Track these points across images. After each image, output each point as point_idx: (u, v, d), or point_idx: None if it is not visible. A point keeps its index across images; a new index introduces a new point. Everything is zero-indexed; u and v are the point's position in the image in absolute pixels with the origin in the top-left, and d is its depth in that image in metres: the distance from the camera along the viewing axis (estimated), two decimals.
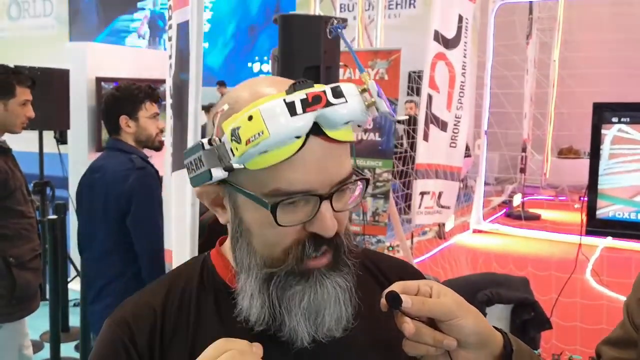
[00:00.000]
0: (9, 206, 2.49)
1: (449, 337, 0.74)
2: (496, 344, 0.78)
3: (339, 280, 0.77)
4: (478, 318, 0.76)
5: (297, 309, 0.75)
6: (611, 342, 0.91)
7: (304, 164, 0.72)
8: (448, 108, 4.70)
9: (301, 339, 0.76)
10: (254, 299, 0.76)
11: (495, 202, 8.89)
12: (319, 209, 0.73)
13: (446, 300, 0.75)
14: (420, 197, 5.09)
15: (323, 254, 0.76)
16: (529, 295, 2.91)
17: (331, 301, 0.76)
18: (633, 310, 0.85)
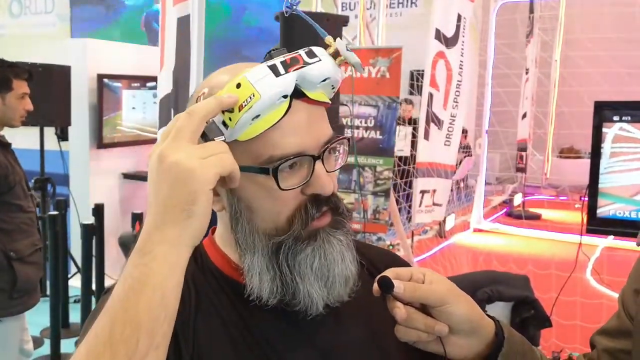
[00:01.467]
0: (8, 201, 2.50)
1: (440, 323, 0.75)
2: (488, 330, 0.79)
3: (341, 237, 0.79)
4: (470, 305, 0.77)
5: (309, 273, 0.77)
6: (605, 332, 0.91)
7: (293, 127, 0.75)
8: (444, 106, 4.70)
9: (316, 304, 0.77)
10: (262, 274, 0.77)
11: (495, 202, 8.88)
12: (314, 169, 0.76)
13: (438, 286, 0.76)
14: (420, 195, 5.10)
15: (324, 214, 0.78)
16: (529, 293, 2.91)
17: (338, 259, 0.78)
18: (628, 301, 0.86)
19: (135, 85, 5.13)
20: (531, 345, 0.85)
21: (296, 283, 0.77)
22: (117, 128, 5.01)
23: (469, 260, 5.45)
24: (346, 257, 0.79)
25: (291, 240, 0.77)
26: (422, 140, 4.58)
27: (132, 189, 5.13)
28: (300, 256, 0.77)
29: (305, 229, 0.77)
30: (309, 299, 0.77)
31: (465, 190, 7.85)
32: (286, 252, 0.77)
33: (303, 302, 0.78)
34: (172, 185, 0.66)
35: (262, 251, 0.78)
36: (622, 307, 0.87)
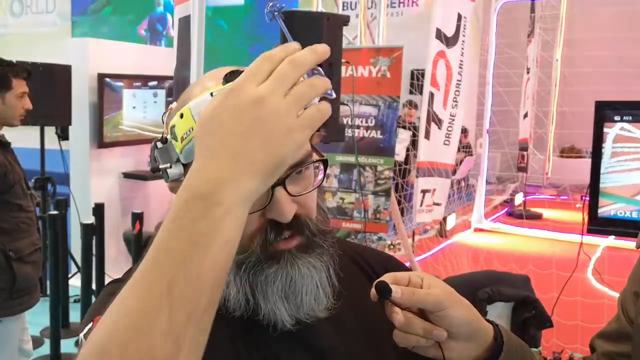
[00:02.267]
0: (8, 200, 2.50)
1: (438, 328, 0.75)
2: (486, 334, 0.78)
3: (311, 260, 0.76)
4: (468, 309, 0.77)
5: (272, 291, 0.75)
6: (605, 336, 0.91)
7: None
8: (444, 106, 4.70)
9: (282, 320, 0.76)
10: (228, 287, 0.76)
11: (496, 201, 8.88)
12: (272, 195, 0.72)
13: (436, 291, 0.75)
14: (421, 195, 5.09)
15: (290, 237, 0.76)
16: (530, 293, 2.91)
17: (307, 282, 0.76)
18: (627, 304, 0.85)
19: (137, 84, 5.12)
20: (530, 348, 0.84)
21: (258, 301, 0.75)
22: (118, 127, 5.01)
23: (469, 259, 5.44)
24: (315, 278, 0.76)
25: (253, 260, 0.75)
26: (423, 139, 4.58)
27: (132, 189, 5.13)
28: (262, 276, 0.75)
29: (264, 251, 0.75)
30: (273, 316, 0.76)
31: (466, 190, 7.84)
32: (247, 271, 0.75)
33: (268, 318, 0.76)
34: (265, 140, 0.57)
35: None
36: (622, 310, 0.87)
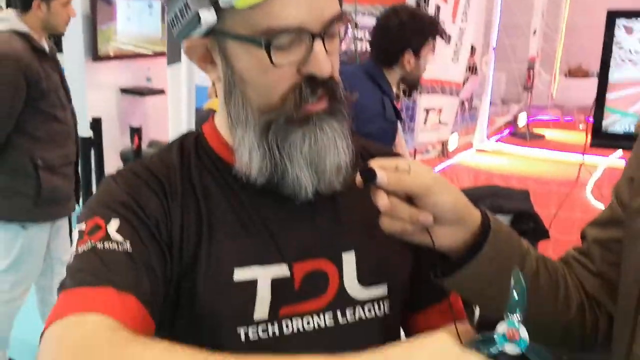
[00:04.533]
0: (42, 109, 2.47)
1: (424, 213, 0.73)
2: (474, 220, 0.77)
3: (335, 125, 0.76)
4: (456, 194, 0.75)
5: (298, 156, 0.75)
6: (597, 223, 0.89)
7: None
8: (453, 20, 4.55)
9: (305, 188, 0.77)
10: (253, 151, 0.76)
11: (500, 122, 8.81)
12: (313, 47, 0.72)
13: (423, 176, 0.73)
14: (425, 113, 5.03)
15: (320, 98, 0.75)
16: (529, 207, 2.90)
17: (330, 146, 0.76)
18: (622, 189, 0.83)
19: None
20: (519, 235, 0.82)
21: (285, 165, 0.75)
22: (113, 40, 4.88)
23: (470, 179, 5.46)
24: (339, 145, 0.77)
25: (282, 120, 0.74)
26: None
27: (130, 104, 5.07)
28: (290, 138, 0.75)
29: (298, 110, 0.74)
30: (298, 184, 0.76)
31: (469, 111, 7.75)
32: (276, 132, 0.75)
33: (292, 186, 0.77)
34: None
35: (253, 127, 0.76)
36: (616, 197, 0.85)
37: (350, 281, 0.83)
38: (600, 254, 0.85)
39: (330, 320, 0.81)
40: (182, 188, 0.79)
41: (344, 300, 0.82)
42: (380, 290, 0.85)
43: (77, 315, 0.63)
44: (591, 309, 0.86)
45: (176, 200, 0.78)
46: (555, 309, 0.84)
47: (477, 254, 0.77)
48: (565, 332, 0.86)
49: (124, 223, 0.73)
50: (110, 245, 0.70)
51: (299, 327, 0.79)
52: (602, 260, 0.85)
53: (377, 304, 0.84)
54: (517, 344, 0.60)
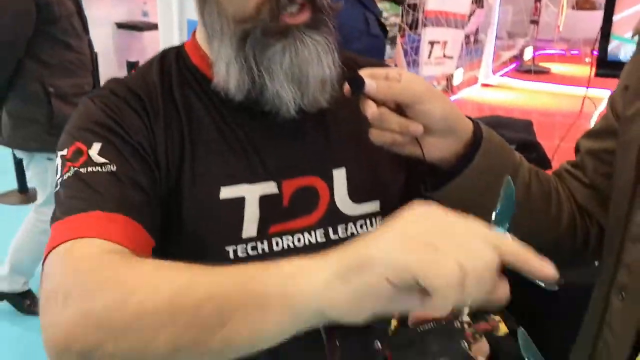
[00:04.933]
0: (54, 35, 2.44)
1: (414, 123, 0.71)
2: (465, 130, 0.76)
3: (318, 38, 0.73)
4: (446, 103, 0.73)
5: (278, 70, 0.72)
6: (590, 134, 0.88)
7: None
8: None
9: (286, 105, 0.74)
10: (231, 65, 0.73)
11: (505, 56, 8.65)
12: None
13: (413, 84, 0.71)
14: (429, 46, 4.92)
15: (300, 10, 0.72)
16: (532, 137, 2.87)
17: (313, 60, 0.73)
18: (616, 99, 0.81)
19: None
20: (511, 147, 0.81)
21: (264, 80, 0.72)
22: None
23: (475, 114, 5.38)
24: (323, 59, 0.74)
25: (259, 31, 0.71)
26: None
27: (126, 39, 4.99)
28: (269, 52, 0.72)
29: (275, 20, 0.71)
30: (279, 100, 0.74)
31: (475, 45, 7.59)
32: (253, 45, 0.72)
33: (272, 102, 0.74)
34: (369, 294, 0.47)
35: (229, 38, 0.73)
36: (610, 107, 0.83)
37: (341, 198, 0.81)
38: (593, 164, 0.84)
39: (322, 236, 0.80)
40: (164, 105, 0.77)
41: (335, 217, 0.81)
42: (373, 206, 0.84)
43: (66, 243, 0.63)
44: (582, 220, 0.86)
45: (158, 119, 0.76)
46: (547, 220, 0.84)
47: (468, 165, 0.76)
48: (556, 243, 0.86)
49: (106, 145, 0.71)
50: (93, 169, 0.69)
51: (289, 244, 0.78)
52: (594, 171, 0.84)
53: (369, 220, 0.84)
54: None
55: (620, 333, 0.71)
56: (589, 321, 0.78)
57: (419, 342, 0.58)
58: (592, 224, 0.86)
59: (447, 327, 0.58)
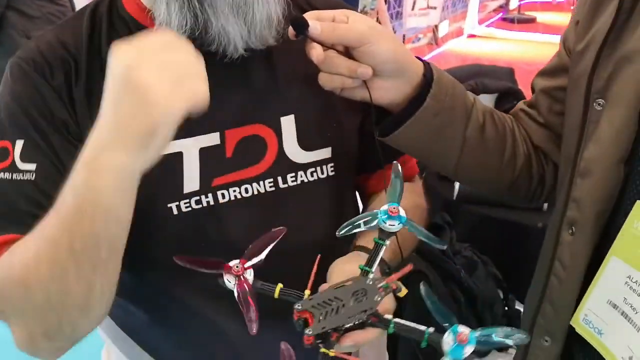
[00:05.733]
0: None
1: (363, 65, 0.71)
2: (415, 71, 0.75)
3: None
4: (394, 43, 0.72)
5: (222, 4, 0.69)
6: (544, 73, 0.88)
7: None
8: None
9: (234, 43, 0.72)
10: (171, 3, 0.70)
11: (491, 6, 8.54)
12: None
13: (359, 25, 0.70)
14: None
15: None
16: (513, 84, 2.86)
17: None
18: (568, 35, 0.81)
19: None
20: (463, 87, 0.81)
21: (207, 15, 0.70)
22: None
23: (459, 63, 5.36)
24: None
25: None
26: None
27: None
28: None
29: None
30: (225, 36, 0.71)
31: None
32: None
33: (218, 39, 0.71)
34: (133, 107, 0.56)
35: None
36: (563, 43, 0.83)
37: (290, 146, 0.79)
38: (548, 103, 0.84)
39: (271, 186, 0.78)
40: (88, 66, 0.73)
41: (285, 166, 0.79)
42: (324, 153, 0.82)
43: None
44: (538, 160, 0.86)
45: (80, 83, 0.72)
46: (501, 162, 0.84)
47: (419, 107, 0.76)
48: (512, 185, 0.87)
49: (29, 143, 0.70)
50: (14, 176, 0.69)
51: (237, 195, 0.76)
52: (548, 110, 0.84)
53: (319, 168, 0.82)
54: (397, 219, 0.64)
55: (570, 267, 0.72)
56: (542, 258, 0.80)
57: (336, 298, 0.62)
58: (547, 163, 0.87)
59: (359, 282, 0.63)
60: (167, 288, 0.76)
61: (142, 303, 0.79)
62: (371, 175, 0.92)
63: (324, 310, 0.61)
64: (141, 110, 0.56)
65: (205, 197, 0.75)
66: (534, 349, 0.79)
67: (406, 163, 0.92)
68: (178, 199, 0.74)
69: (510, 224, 1.85)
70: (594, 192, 0.69)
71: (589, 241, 0.70)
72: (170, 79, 0.57)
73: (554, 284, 0.75)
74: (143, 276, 0.72)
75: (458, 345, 0.57)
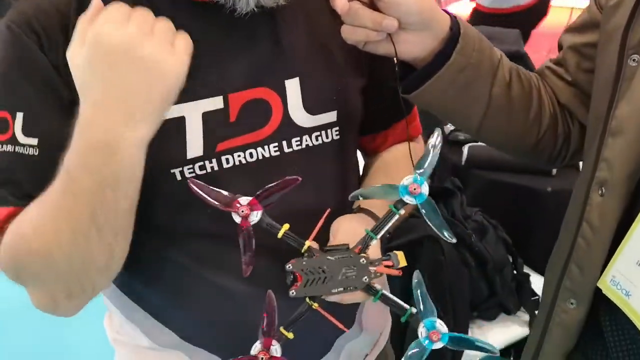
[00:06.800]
0: None
1: (388, 17, 0.68)
2: (442, 25, 0.72)
3: None
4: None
5: None
6: (573, 29, 0.85)
7: None
8: None
9: None
10: None
11: None
12: None
13: None
14: None
15: None
16: (520, 48, 2.82)
17: None
18: None
19: None
20: (489, 42, 0.78)
21: None
22: None
23: None
24: None
25: None
26: None
27: None
28: None
29: None
30: None
31: None
32: None
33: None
34: (146, 80, 0.59)
35: None
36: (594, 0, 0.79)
37: (295, 109, 0.77)
38: (576, 60, 0.82)
39: (275, 150, 0.76)
40: None
41: (290, 130, 0.77)
42: (329, 116, 0.79)
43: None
44: (563, 120, 0.84)
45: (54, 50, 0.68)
46: (527, 122, 0.82)
47: (445, 63, 0.73)
48: (537, 145, 0.84)
49: (29, 114, 0.68)
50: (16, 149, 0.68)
51: (241, 160, 0.74)
52: (576, 67, 0.82)
53: (325, 132, 0.79)
54: (416, 197, 0.65)
55: (599, 228, 0.71)
56: (569, 220, 0.78)
57: (327, 268, 0.66)
58: (573, 123, 0.84)
59: (354, 259, 0.67)
60: (167, 253, 0.76)
61: (143, 268, 0.78)
62: (375, 136, 0.91)
63: (311, 277, 0.66)
64: (154, 79, 0.59)
65: (210, 163, 0.73)
66: (559, 312, 0.77)
67: (411, 122, 0.91)
68: (181, 165, 0.72)
69: (520, 188, 1.84)
70: (626, 151, 0.67)
71: (620, 202, 0.69)
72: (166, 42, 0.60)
73: (581, 246, 0.73)
74: (143, 241, 0.71)
75: (427, 339, 0.66)
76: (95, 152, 0.60)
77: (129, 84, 0.59)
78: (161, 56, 0.60)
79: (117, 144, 0.60)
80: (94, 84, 0.60)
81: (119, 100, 0.59)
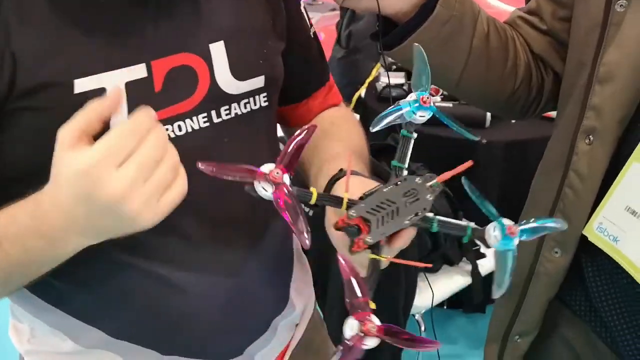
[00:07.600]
0: None
1: None
2: None
3: None
4: None
5: None
6: None
7: None
8: None
9: None
10: None
11: None
12: None
13: None
14: None
15: None
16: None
17: None
18: None
19: None
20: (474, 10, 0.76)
21: None
22: None
23: None
24: None
25: None
26: None
27: None
28: None
29: None
30: None
31: None
32: None
33: None
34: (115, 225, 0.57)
35: None
36: None
37: (222, 76, 0.72)
38: (551, 9, 0.81)
39: (205, 121, 0.71)
40: None
41: (218, 98, 0.72)
42: (257, 82, 0.75)
43: None
44: (537, 69, 0.84)
45: None
46: (504, 72, 0.81)
47: (428, 16, 0.70)
48: (510, 97, 0.84)
49: None
50: None
51: (170, 134, 0.69)
52: (552, 16, 0.81)
53: (253, 99, 0.76)
54: (429, 109, 0.61)
55: (588, 176, 0.71)
56: (550, 170, 0.78)
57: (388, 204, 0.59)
58: (547, 73, 0.84)
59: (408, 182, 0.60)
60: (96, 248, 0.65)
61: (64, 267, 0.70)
62: (298, 105, 0.87)
63: (379, 216, 0.59)
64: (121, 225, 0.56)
65: None
66: (543, 262, 0.78)
67: (332, 88, 0.89)
68: None
69: (455, 140, 1.87)
70: (617, 97, 0.67)
71: (609, 149, 0.69)
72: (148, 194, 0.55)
73: (568, 195, 0.73)
74: None
75: (507, 237, 0.57)
76: (40, 238, 0.58)
77: (98, 223, 0.57)
78: (142, 214, 0.54)
79: (65, 245, 0.59)
80: (64, 201, 0.55)
81: (82, 227, 0.57)
